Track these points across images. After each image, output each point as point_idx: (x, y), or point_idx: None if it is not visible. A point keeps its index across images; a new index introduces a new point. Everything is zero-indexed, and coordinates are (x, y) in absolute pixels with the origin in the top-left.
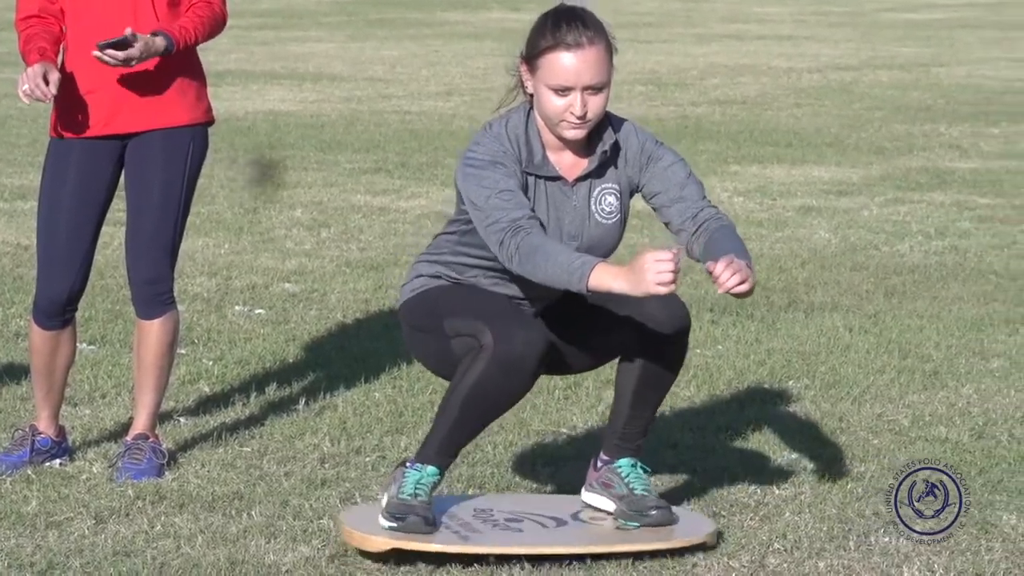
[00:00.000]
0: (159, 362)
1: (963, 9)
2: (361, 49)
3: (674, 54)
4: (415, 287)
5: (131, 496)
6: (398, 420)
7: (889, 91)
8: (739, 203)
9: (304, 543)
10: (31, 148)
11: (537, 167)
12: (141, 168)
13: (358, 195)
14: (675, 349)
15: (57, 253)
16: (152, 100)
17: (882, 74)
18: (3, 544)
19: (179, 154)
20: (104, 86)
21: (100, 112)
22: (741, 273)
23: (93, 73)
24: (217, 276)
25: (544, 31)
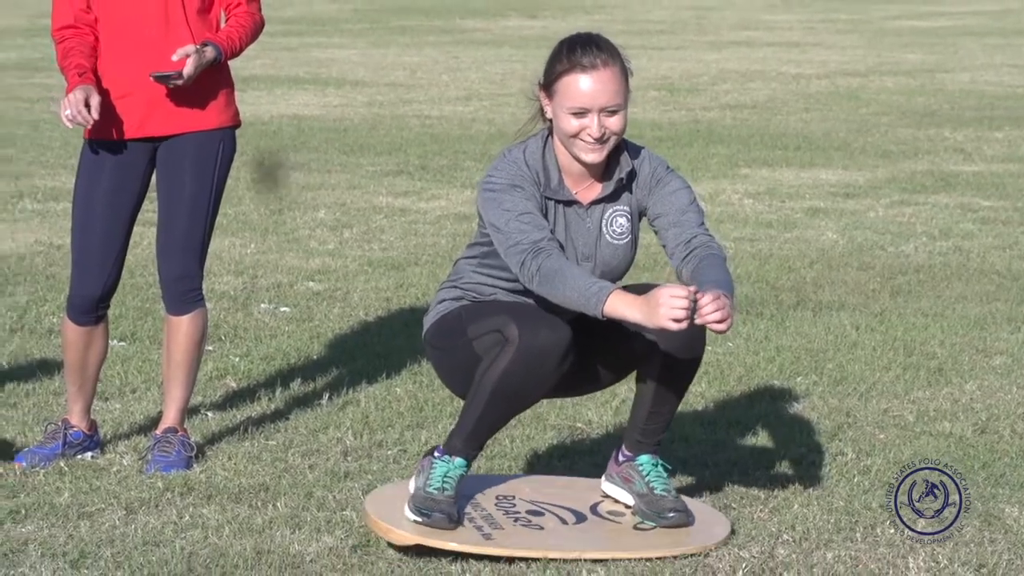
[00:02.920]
0: (188, 357)
1: (967, 17)
2: (383, 55)
3: (686, 60)
4: (438, 312)
5: (160, 488)
6: (419, 415)
7: (895, 96)
8: (749, 205)
9: (328, 533)
10: (63, 150)
11: (554, 191)
12: (173, 170)
13: (380, 197)
14: (690, 366)
15: (92, 252)
16: (184, 104)
17: (888, 80)
18: (36, 534)
19: (209, 157)
20: (138, 90)
21: (134, 115)
22: (723, 312)
23: (127, 77)
24: (244, 275)
25: (560, 56)
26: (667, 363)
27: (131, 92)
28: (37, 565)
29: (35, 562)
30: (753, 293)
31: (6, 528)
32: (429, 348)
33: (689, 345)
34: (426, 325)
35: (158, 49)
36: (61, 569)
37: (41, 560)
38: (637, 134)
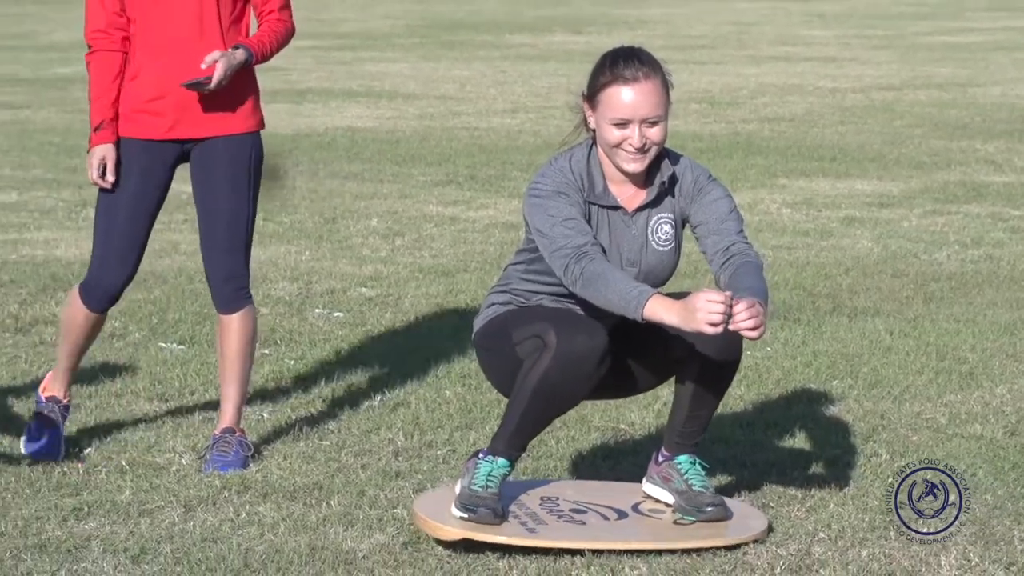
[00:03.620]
0: (242, 354)
1: (997, 32)
2: (433, 69)
3: (726, 74)
4: (487, 316)
5: (218, 486)
6: (467, 416)
7: (928, 109)
8: (787, 214)
9: (380, 531)
10: None
11: (599, 197)
12: (208, 174)
13: (430, 206)
14: (727, 370)
15: (115, 247)
16: (215, 109)
17: (921, 93)
18: (99, 530)
19: (243, 159)
20: (171, 93)
21: (166, 117)
22: (756, 319)
23: (161, 81)
24: (299, 281)
25: (603, 69)
26: (705, 367)
27: (164, 95)
28: (99, 560)
29: (97, 557)
30: (791, 299)
31: (69, 525)
32: (477, 349)
33: (727, 349)
34: (476, 327)
35: (192, 54)
36: (122, 564)
37: (103, 556)
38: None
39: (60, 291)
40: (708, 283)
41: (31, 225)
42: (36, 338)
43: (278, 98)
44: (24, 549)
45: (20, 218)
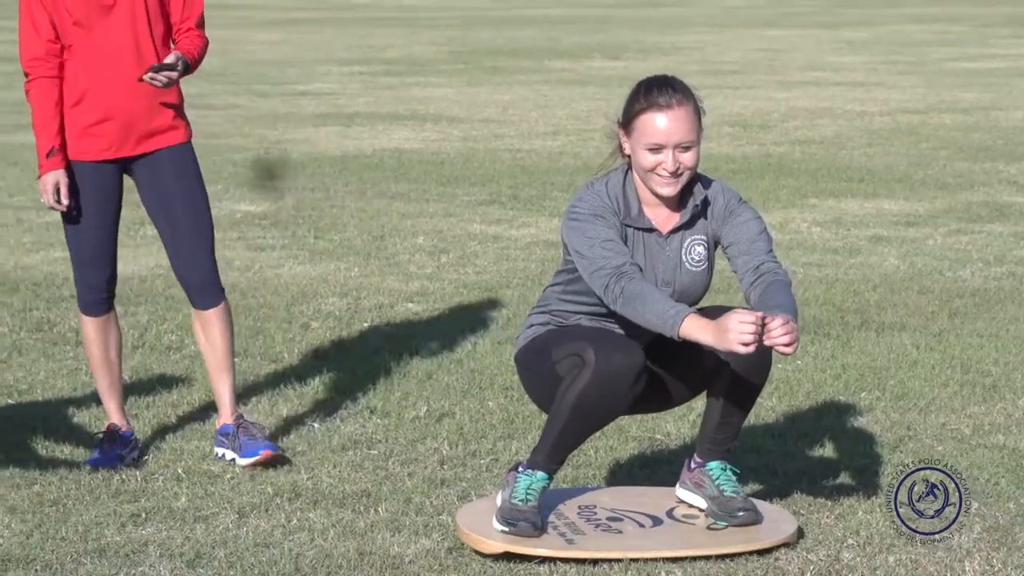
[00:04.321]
0: (229, 345)
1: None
2: (477, 93)
3: (758, 99)
4: (528, 336)
5: (270, 493)
6: (510, 426)
7: (952, 132)
8: (817, 233)
9: (426, 536)
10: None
11: (634, 220)
12: (160, 185)
13: (474, 224)
14: (757, 383)
15: (90, 255)
16: (155, 124)
17: (946, 117)
18: (155, 536)
19: (190, 165)
20: (114, 114)
21: (111, 138)
22: (791, 336)
23: (103, 102)
24: (348, 296)
25: (638, 96)
26: (736, 380)
27: (109, 117)
28: (156, 564)
29: (154, 562)
30: (820, 315)
31: (128, 530)
32: (519, 367)
33: (756, 366)
34: (517, 347)
35: (131, 75)
36: (178, 568)
37: (160, 560)
38: (713, 167)
39: (119, 305)
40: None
41: None
42: None
43: (327, 121)
44: (84, 553)
45: None
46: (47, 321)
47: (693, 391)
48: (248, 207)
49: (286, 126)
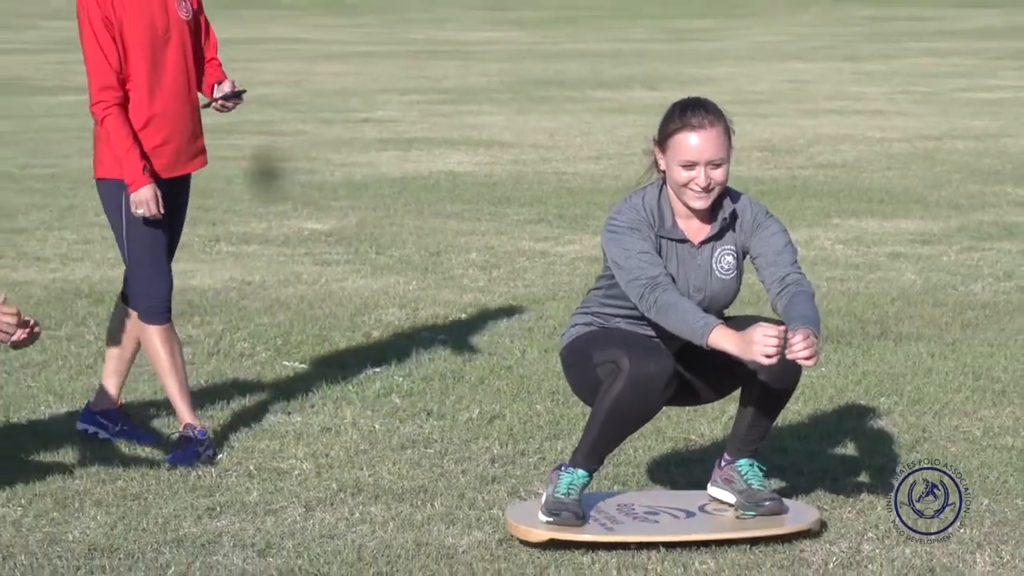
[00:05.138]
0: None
1: None
2: (526, 120)
3: (785, 126)
4: (572, 335)
5: (335, 488)
6: (556, 428)
7: (965, 157)
8: (839, 250)
9: (478, 529)
10: (252, 201)
11: (668, 231)
12: (181, 206)
13: (523, 241)
14: (785, 391)
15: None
16: (196, 149)
17: (959, 143)
18: (229, 527)
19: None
20: (173, 137)
21: (169, 159)
22: (810, 350)
23: (165, 126)
24: (407, 307)
25: (673, 117)
26: (767, 388)
27: (169, 140)
28: (230, 554)
29: (228, 551)
30: (843, 325)
31: (203, 522)
32: (563, 363)
33: (782, 376)
34: (562, 343)
35: (185, 100)
36: (250, 558)
37: (233, 550)
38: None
39: (196, 315)
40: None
41: None
42: None
43: (388, 146)
44: (163, 543)
45: None
46: None
47: (721, 393)
48: (315, 225)
49: (350, 151)
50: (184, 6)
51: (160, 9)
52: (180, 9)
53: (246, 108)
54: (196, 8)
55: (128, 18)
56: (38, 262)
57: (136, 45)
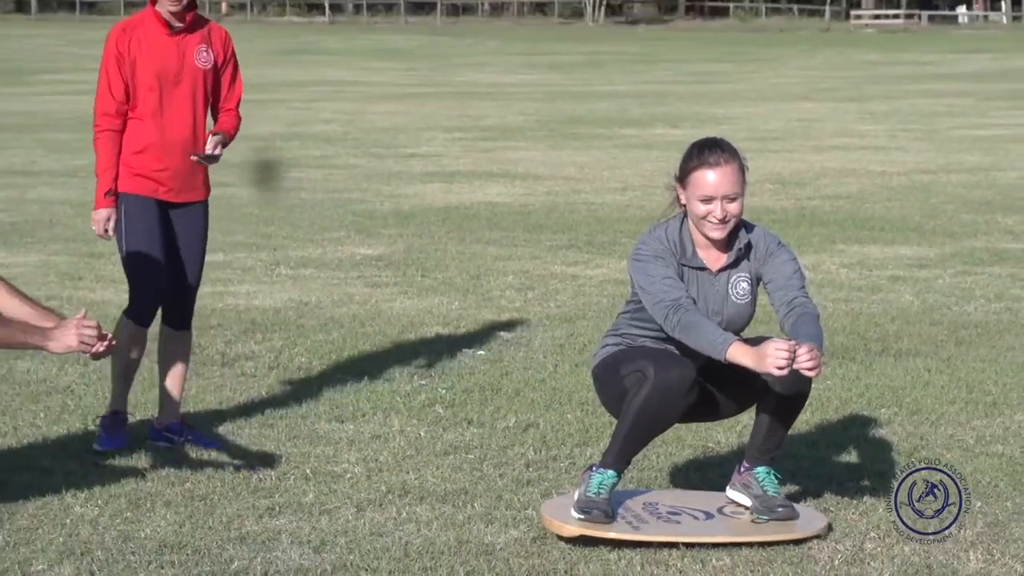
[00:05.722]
0: None
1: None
2: (558, 155)
3: (795, 161)
4: (603, 354)
5: (383, 491)
6: (585, 435)
7: (959, 189)
8: (844, 273)
9: (514, 528)
10: (310, 228)
11: (689, 260)
12: (193, 230)
13: (556, 265)
14: (797, 402)
15: (149, 273)
16: (196, 180)
17: (953, 176)
18: (287, 526)
19: (207, 219)
20: (171, 165)
21: (168, 184)
22: (815, 362)
23: (165, 155)
24: (449, 326)
25: (692, 155)
26: (780, 399)
27: (167, 167)
28: (288, 550)
29: (286, 548)
30: (847, 342)
31: (264, 521)
32: (594, 380)
33: (795, 387)
34: (593, 363)
35: (187, 137)
36: (306, 554)
37: (290, 546)
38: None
39: (258, 332)
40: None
41: (234, 280)
42: (239, 370)
43: (434, 179)
44: (227, 541)
45: (226, 274)
46: (198, 346)
47: (740, 407)
48: (367, 251)
49: (398, 183)
50: (204, 57)
51: (176, 55)
52: (198, 59)
53: (304, 143)
54: (223, 61)
55: (142, 58)
56: (113, 284)
57: (145, 81)
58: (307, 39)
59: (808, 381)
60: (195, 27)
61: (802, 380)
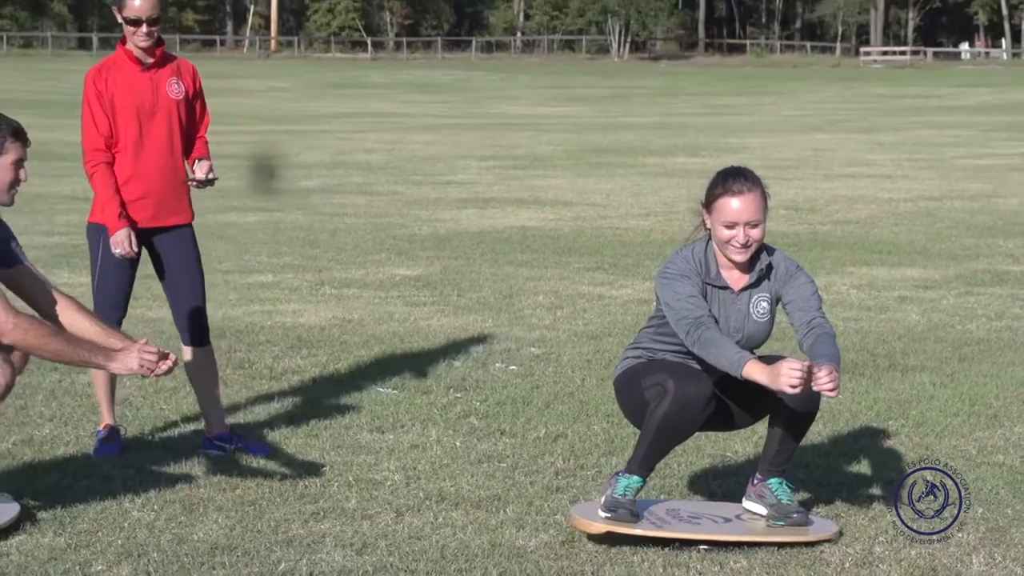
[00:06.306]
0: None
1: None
2: (585, 183)
3: (807, 188)
4: (623, 367)
5: (421, 497)
6: (611, 445)
7: (962, 215)
8: (854, 294)
9: (544, 532)
10: (354, 251)
11: (712, 279)
12: (182, 251)
13: (583, 286)
14: (807, 417)
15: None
16: (178, 206)
17: (957, 203)
18: (331, 530)
19: (195, 239)
20: (151, 193)
21: (148, 211)
22: (835, 382)
23: (145, 184)
24: (483, 342)
25: (718, 183)
26: (792, 414)
27: (146, 195)
28: (332, 552)
29: (330, 550)
30: (857, 359)
31: (309, 525)
32: (615, 390)
33: (806, 404)
34: (616, 374)
35: (166, 166)
36: (349, 556)
37: (334, 549)
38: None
39: (304, 348)
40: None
41: (282, 299)
42: (286, 383)
43: (468, 205)
44: (275, 543)
45: (274, 294)
46: (247, 360)
47: (754, 418)
48: (406, 272)
49: (436, 208)
50: (176, 89)
51: (150, 90)
52: (171, 90)
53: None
54: (193, 93)
55: (119, 94)
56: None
57: (123, 115)
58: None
59: (818, 399)
60: (164, 62)
61: (813, 398)
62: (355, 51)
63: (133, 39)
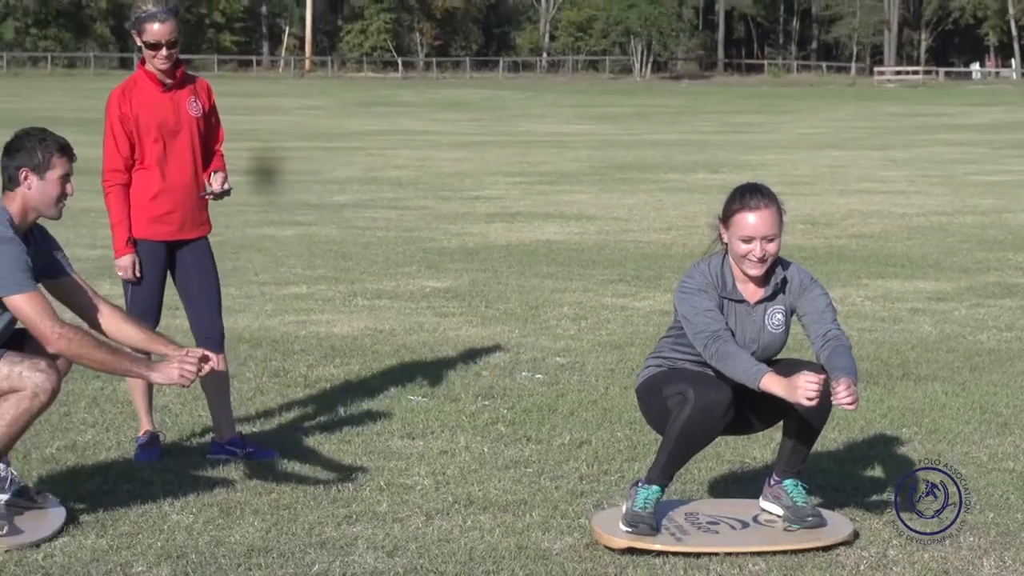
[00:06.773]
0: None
1: None
2: (609, 198)
3: (823, 203)
4: (645, 375)
5: (450, 501)
6: (634, 452)
7: (973, 229)
8: (868, 305)
9: (569, 535)
10: (385, 263)
11: (729, 293)
12: (201, 263)
13: (606, 297)
14: (818, 423)
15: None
16: (199, 219)
17: (968, 217)
18: (363, 532)
19: (211, 252)
20: (177, 208)
21: (174, 225)
22: (853, 395)
23: (171, 200)
24: (510, 351)
25: (735, 199)
26: (804, 422)
27: (174, 210)
28: (364, 554)
29: (362, 552)
30: (871, 368)
31: (342, 528)
32: (638, 397)
33: (819, 413)
34: (637, 382)
35: (190, 181)
36: (380, 558)
37: (366, 551)
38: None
39: (337, 357)
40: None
41: (316, 310)
42: (319, 391)
43: (495, 219)
44: (309, 546)
45: (308, 305)
46: (283, 369)
47: (769, 423)
48: (435, 284)
49: (464, 222)
50: (195, 106)
51: (172, 109)
52: (191, 108)
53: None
54: (208, 109)
55: (143, 114)
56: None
57: (148, 135)
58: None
59: (829, 407)
60: (184, 83)
61: (824, 407)
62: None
63: (153, 62)
